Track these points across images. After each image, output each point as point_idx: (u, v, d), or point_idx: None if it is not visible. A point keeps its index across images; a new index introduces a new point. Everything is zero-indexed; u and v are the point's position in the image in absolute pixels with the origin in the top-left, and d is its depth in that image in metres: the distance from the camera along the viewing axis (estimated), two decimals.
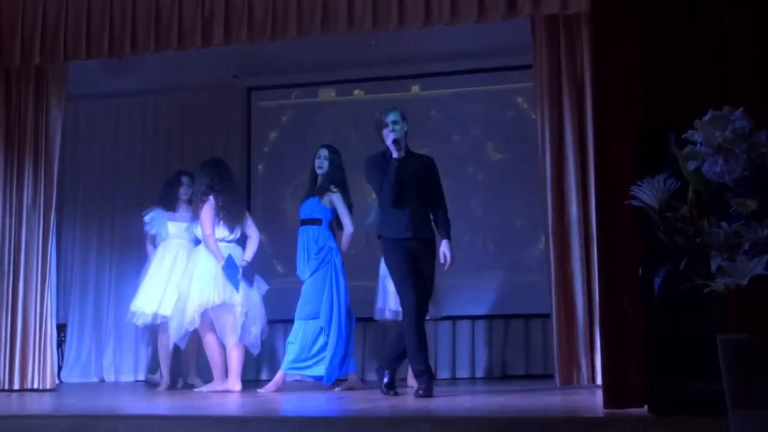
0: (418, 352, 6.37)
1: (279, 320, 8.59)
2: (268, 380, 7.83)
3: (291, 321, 7.58)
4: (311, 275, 7.52)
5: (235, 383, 7.56)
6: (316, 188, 7.67)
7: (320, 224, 7.62)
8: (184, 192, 8.35)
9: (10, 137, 8.22)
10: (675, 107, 4.54)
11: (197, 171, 7.95)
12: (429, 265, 6.51)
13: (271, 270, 9.14)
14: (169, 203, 8.40)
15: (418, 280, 6.43)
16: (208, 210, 7.59)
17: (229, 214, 7.69)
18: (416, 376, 6.38)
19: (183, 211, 8.32)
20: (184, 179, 8.39)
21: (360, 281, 7.90)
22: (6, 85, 8.28)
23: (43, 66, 8.11)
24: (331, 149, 7.72)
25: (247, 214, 7.93)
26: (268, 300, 7.87)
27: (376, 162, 6.61)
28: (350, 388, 7.46)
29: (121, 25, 7.62)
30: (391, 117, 6.54)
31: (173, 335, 7.82)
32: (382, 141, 6.59)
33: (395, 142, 6.47)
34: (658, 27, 4.75)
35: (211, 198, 7.63)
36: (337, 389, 7.45)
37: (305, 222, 7.67)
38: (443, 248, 6.52)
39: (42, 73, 8.25)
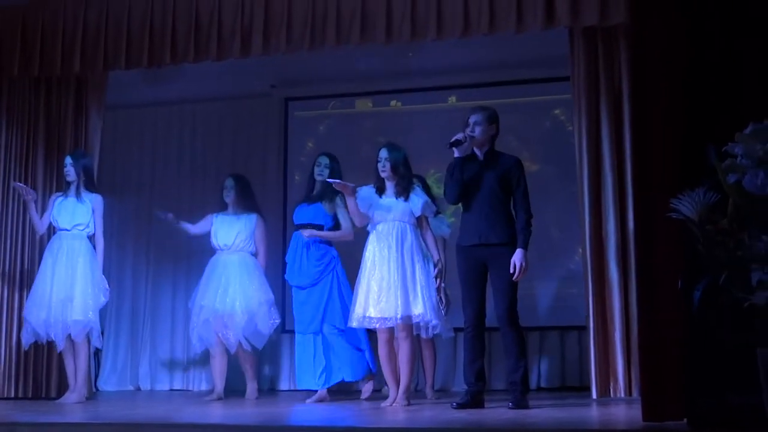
0: (469, 365, 6.35)
1: None
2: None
3: None
4: (312, 285, 7.48)
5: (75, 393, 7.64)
6: (317, 194, 7.56)
7: (321, 230, 7.55)
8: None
9: (50, 145, 8.32)
10: (715, 120, 4.52)
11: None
12: (502, 275, 6.26)
13: None
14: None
15: (480, 292, 6.34)
16: None
17: None
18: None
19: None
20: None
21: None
22: (47, 94, 8.40)
23: (83, 75, 8.21)
24: (332, 157, 7.66)
25: None
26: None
27: (449, 165, 6.51)
28: (320, 400, 7.37)
29: (160, 35, 7.70)
30: (472, 118, 6.42)
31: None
32: None
33: (454, 141, 6.31)
34: (698, 39, 4.73)
35: None
36: (308, 400, 7.38)
37: (305, 226, 7.56)
38: (514, 257, 6.22)
39: (82, 83, 8.36)
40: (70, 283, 7.60)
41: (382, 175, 6.92)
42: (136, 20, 7.76)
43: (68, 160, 7.84)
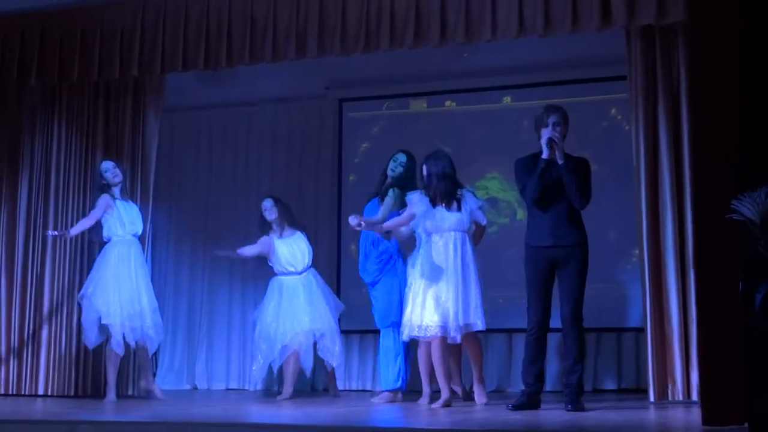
0: (529, 366, 6.37)
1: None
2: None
3: None
4: (374, 282, 7.50)
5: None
6: (384, 190, 7.54)
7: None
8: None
9: (109, 148, 8.40)
10: None
11: None
12: (571, 275, 6.29)
13: None
14: None
15: (547, 293, 6.36)
16: None
17: None
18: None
19: None
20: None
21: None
22: (106, 97, 8.49)
23: (141, 78, 8.29)
24: (409, 155, 7.63)
25: None
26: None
27: (524, 163, 6.50)
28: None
29: (216, 37, 7.75)
30: (553, 118, 6.40)
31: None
32: (539, 139, 6.45)
33: (549, 141, 6.33)
34: (757, 37, 4.67)
35: None
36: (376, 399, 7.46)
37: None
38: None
39: (140, 86, 8.43)
40: (142, 289, 7.89)
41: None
42: (193, 22, 7.83)
43: (110, 164, 7.98)
